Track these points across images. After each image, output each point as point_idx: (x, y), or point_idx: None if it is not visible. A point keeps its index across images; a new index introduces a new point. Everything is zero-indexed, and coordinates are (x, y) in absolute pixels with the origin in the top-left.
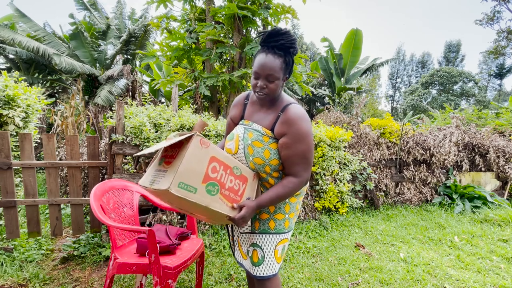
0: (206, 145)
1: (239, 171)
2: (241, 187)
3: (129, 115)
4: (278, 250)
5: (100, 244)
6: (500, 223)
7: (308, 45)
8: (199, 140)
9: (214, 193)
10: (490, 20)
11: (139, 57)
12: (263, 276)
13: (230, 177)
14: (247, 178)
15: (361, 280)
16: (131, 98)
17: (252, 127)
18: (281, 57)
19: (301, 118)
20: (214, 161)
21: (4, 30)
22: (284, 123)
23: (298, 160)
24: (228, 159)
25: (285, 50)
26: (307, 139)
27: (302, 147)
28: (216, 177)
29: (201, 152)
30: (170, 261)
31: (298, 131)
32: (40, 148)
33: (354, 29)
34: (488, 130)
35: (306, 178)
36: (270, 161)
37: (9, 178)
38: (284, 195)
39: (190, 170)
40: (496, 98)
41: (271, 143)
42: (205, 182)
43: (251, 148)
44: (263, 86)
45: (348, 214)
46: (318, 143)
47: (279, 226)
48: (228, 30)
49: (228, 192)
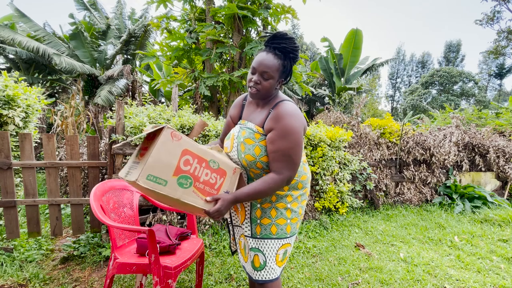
0: (178, 138)
1: (217, 164)
2: (219, 181)
3: (129, 115)
4: (280, 254)
5: (100, 244)
6: (500, 223)
7: (308, 45)
8: (170, 133)
9: (186, 186)
10: (490, 20)
11: (139, 57)
12: (265, 280)
13: (205, 171)
14: (225, 172)
15: (361, 280)
16: (131, 98)
17: (246, 125)
18: (280, 59)
19: (290, 114)
20: (187, 154)
21: (4, 30)
22: (272, 119)
23: (280, 157)
24: (204, 153)
25: (285, 54)
26: (292, 136)
27: (285, 144)
28: (189, 170)
29: (172, 145)
30: (170, 261)
31: (284, 127)
32: (40, 148)
33: (354, 29)
34: (488, 130)
35: (288, 176)
36: (261, 157)
37: (9, 178)
38: (264, 190)
39: (159, 162)
40: (496, 98)
41: (262, 140)
42: (176, 174)
43: (243, 145)
44: (257, 82)
45: (348, 214)
46: (318, 143)
47: (280, 231)
48: (228, 30)
49: (203, 185)
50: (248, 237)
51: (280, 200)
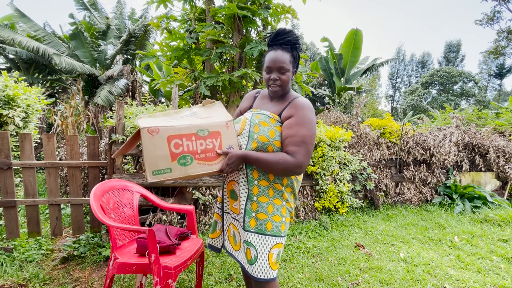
0: (156, 132)
1: (206, 131)
2: (216, 142)
3: (129, 115)
4: (273, 254)
5: (100, 244)
6: (500, 223)
7: (308, 45)
8: (146, 131)
9: (189, 163)
10: (490, 20)
11: (139, 57)
12: (258, 278)
13: (199, 141)
14: (219, 132)
15: (361, 280)
16: (131, 98)
17: (260, 112)
18: (289, 52)
19: (309, 108)
20: (172, 139)
21: (4, 30)
22: (292, 107)
23: (297, 141)
24: (187, 128)
25: (292, 45)
26: (310, 125)
27: (303, 131)
28: (182, 150)
29: (155, 139)
30: (170, 261)
31: (304, 116)
32: (40, 148)
33: (354, 29)
34: (488, 130)
35: (299, 162)
36: (274, 141)
37: (9, 178)
38: (273, 163)
39: (154, 158)
40: (496, 98)
41: (277, 125)
42: (174, 159)
43: (257, 127)
44: (276, 78)
45: (348, 214)
46: (318, 143)
47: (276, 229)
48: (228, 30)
49: (203, 154)
50: (240, 229)
51: (277, 195)
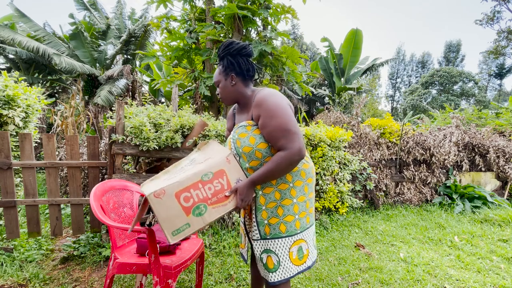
0: (163, 193)
1: (209, 174)
2: (223, 181)
3: (129, 115)
4: (293, 252)
5: (100, 244)
6: (500, 223)
7: (308, 45)
8: (153, 196)
9: (203, 211)
10: (490, 20)
11: (139, 57)
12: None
13: (206, 186)
14: (222, 170)
15: (361, 280)
16: (131, 98)
17: (238, 126)
18: (220, 65)
19: (269, 95)
20: (181, 194)
21: (4, 30)
22: (256, 107)
23: (279, 133)
24: (191, 179)
25: (222, 58)
26: (280, 111)
27: (277, 120)
28: (194, 202)
29: (164, 201)
30: (170, 261)
31: (268, 107)
32: (40, 148)
33: (354, 29)
34: (488, 130)
35: (296, 148)
36: (257, 145)
37: (9, 178)
38: (276, 169)
39: (169, 219)
40: (496, 98)
41: (254, 129)
42: (189, 213)
43: (238, 141)
44: (217, 93)
45: (348, 214)
46: (318, 143)
47: (290, 228)
48: (228, 30)
49: (215, 197)
50: (257, 240)
51: (285, 196)
